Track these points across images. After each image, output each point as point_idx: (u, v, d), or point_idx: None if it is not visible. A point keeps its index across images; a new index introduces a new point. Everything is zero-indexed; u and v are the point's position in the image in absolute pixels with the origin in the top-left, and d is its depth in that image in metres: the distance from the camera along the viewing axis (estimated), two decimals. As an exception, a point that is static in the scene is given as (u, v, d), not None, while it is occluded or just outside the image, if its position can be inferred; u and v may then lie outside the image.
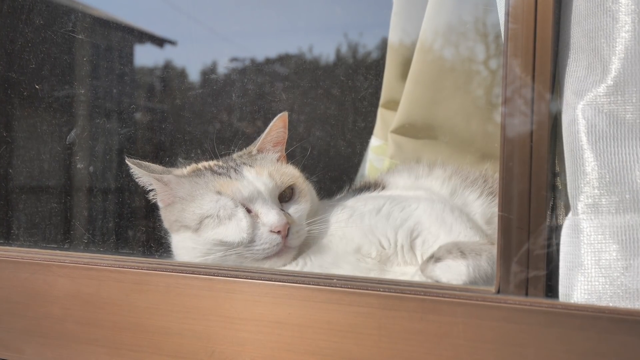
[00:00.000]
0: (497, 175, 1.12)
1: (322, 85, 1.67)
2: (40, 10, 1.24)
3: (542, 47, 0.65)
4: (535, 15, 0.65)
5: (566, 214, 0.69)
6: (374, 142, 1.50)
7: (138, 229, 1.24)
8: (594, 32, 0.65)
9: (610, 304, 0.63)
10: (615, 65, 0.64)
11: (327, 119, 1.64)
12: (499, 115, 1.25)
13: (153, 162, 1.04)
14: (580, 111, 0.65)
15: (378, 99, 1.49)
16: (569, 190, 0.67)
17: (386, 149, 1.45)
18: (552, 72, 0.67)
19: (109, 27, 1.44)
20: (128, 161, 1.01)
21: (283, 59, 1.68)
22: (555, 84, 0.69)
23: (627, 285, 0.62)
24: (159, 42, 1.62)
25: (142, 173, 1.01)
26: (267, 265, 0.94)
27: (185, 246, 0.98)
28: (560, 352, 0.62)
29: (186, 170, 1.05)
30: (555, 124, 0.70)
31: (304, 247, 0.97)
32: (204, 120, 1.46)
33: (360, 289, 0.72)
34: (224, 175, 0.99)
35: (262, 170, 0.99)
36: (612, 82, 0.64)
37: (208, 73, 1.59)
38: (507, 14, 0.66)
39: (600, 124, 0.64)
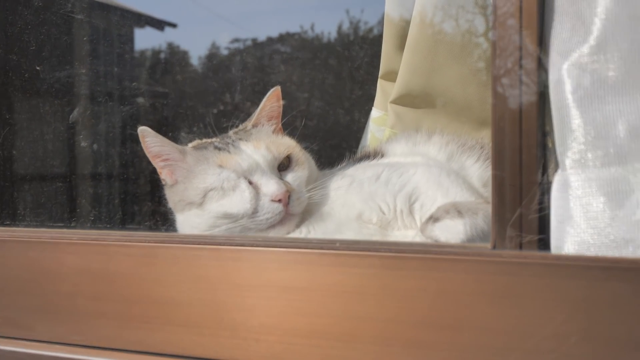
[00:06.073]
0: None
1: (321, 58, 1.68)
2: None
3: (528, 9, 0.68)
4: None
5: (556, 171, 0.72)
6: (375, 113, 1.51)
7: (144, 204, 1.26)
8: None
9: (599, 254, 0.66)
10: (596, 25, 0.67)
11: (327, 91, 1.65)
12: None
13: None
14: (565, 71, 0.68)
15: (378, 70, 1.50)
16: (557, 147, 0.70)
17: (386, 120, 1.46)
18: (539, 35, 0.69)
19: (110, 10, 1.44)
20: (144, 130, 1.00)
21: (289, 37, 1.68)
22: (542, 47, 0.72)
23: (614, 235, 0.65)
24: (160, 24, 1.61)
25: (163, 142, 1.01)
26: (272, 234, 0.97)
27: (190, 223, 1.00)
28: (554, 300, 0.65)
29: (190, 145, 1.07)
30: (543, 84, 0.73)
31: (307, 215, 1.00)
32: (205, 100, 1.47)
33: (362, 250, 0.74)
34: (224, 150, 1.01)
35: (259, 143, 1.02)
36: (594, 43, 0.67)
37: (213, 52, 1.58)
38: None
39: (584, 82, 0.67)
